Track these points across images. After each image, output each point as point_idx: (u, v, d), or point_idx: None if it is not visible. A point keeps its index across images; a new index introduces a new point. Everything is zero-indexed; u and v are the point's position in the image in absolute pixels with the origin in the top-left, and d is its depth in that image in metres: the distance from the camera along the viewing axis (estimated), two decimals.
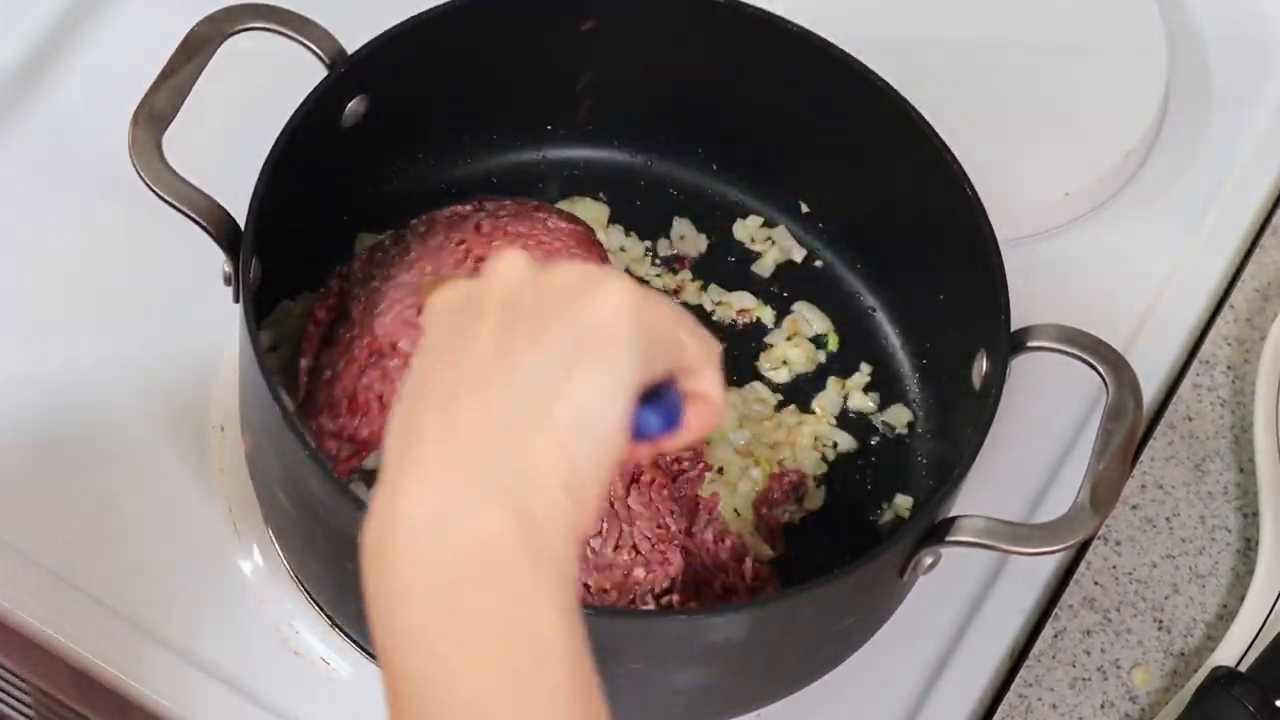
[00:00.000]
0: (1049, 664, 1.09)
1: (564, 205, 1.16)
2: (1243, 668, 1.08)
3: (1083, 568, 1.12)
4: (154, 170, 0.99)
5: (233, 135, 1.12)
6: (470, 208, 1.11)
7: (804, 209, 1.18)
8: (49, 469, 1.09)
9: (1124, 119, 1.26)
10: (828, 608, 0.99)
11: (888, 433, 1.13)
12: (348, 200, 1.12)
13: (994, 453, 1.02)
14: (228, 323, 1.06)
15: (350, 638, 1.05)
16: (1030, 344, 1.02)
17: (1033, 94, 1.26)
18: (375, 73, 1.06)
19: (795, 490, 1.09)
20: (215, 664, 1.05)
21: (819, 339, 1.15)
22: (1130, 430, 0.99)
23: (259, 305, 1.01)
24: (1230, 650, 1.09)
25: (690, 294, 1.16)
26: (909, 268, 1.14)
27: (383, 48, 1.06)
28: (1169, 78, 1.28)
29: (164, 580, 1.07)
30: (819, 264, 1.18)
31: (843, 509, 1.10)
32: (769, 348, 1.15)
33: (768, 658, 1.00)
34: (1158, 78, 1.27)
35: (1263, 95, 1.31)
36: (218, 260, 1.00)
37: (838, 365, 1.15)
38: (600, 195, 1.18)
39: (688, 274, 1.16)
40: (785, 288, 1.17)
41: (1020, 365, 1.03)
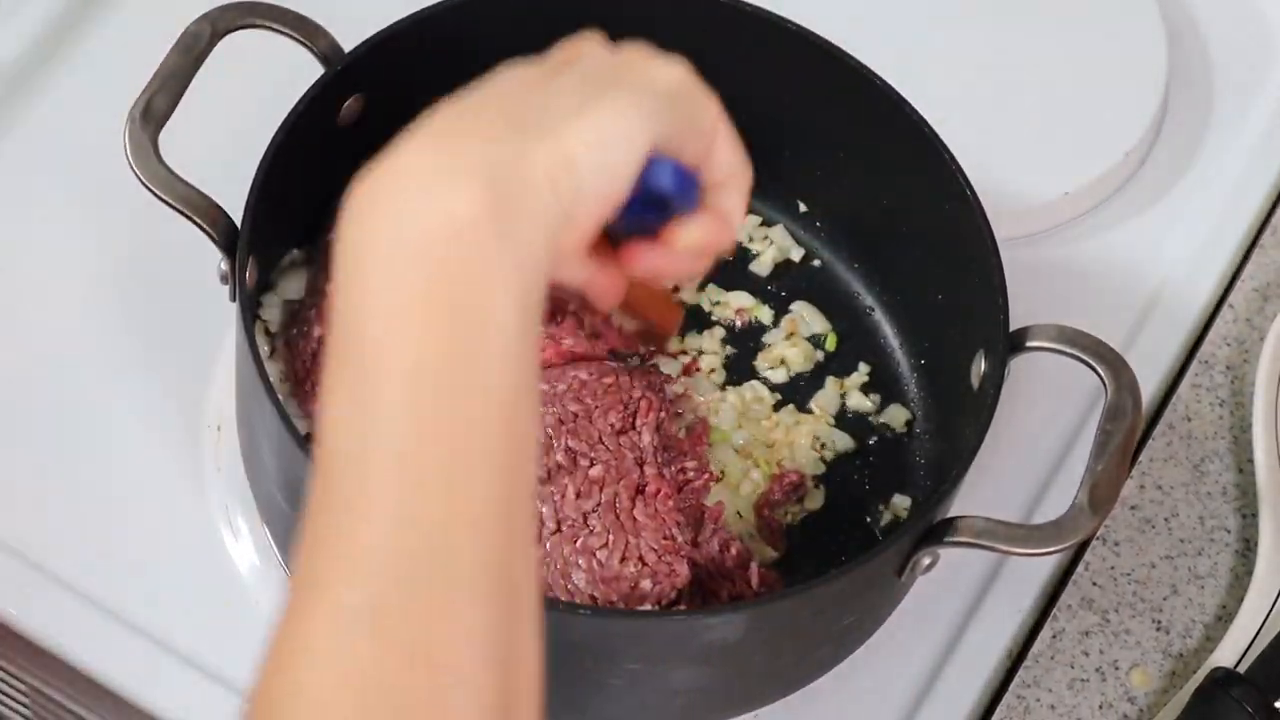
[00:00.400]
0: (1047, 665, 1.09)
1: None
2: (1241, 669, 1.08)
3: (1081, 568, 1.12)
4: (150, 169, 0.99)
5: (229, 134, 1.11)
6: None
7: (802, 208, 1.18)
8: (44, 468, 1.09)
9: (1124, 118, 1.26)
10: (826, 608, 0.99)
11: (886, 433, 1.13)
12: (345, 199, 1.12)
13: (992, 453, 1.02)
14: (224, 321, 1.06)
15: None
16: (1029, 344, 1.02)
17: (1032, 93, 1.25)
18: (372, 71, 1.06)
19: (796, 491, 1.09)
20: (212, 663, 1.04)
21: (817, 339, 1.15)
22: (1129, 430, 0.99)
23: (255, 303, 1.00)
24: (1229, 651, 1.09)
25: (688, 293, 1.15)
26: (907, 267, 1.14)
27: (380, 46, 1.06)
28: (1169, 77, 1.27)
29: (160, 579, 1.07)
30: (817, 263, 1.18)
31: (840, 509, 1.10)
32: (767, 347, 1.14)
33: (765, 658, 1.00)
34: (1158, 77, 1.27)
35: (1263, 95, 1.31)
36: (214, 259, 1.00)
37: (836, 365, 1.14)
38: None
39: None
40: (783, 287, 1.17)
41: (1019, 365, 1.02)
